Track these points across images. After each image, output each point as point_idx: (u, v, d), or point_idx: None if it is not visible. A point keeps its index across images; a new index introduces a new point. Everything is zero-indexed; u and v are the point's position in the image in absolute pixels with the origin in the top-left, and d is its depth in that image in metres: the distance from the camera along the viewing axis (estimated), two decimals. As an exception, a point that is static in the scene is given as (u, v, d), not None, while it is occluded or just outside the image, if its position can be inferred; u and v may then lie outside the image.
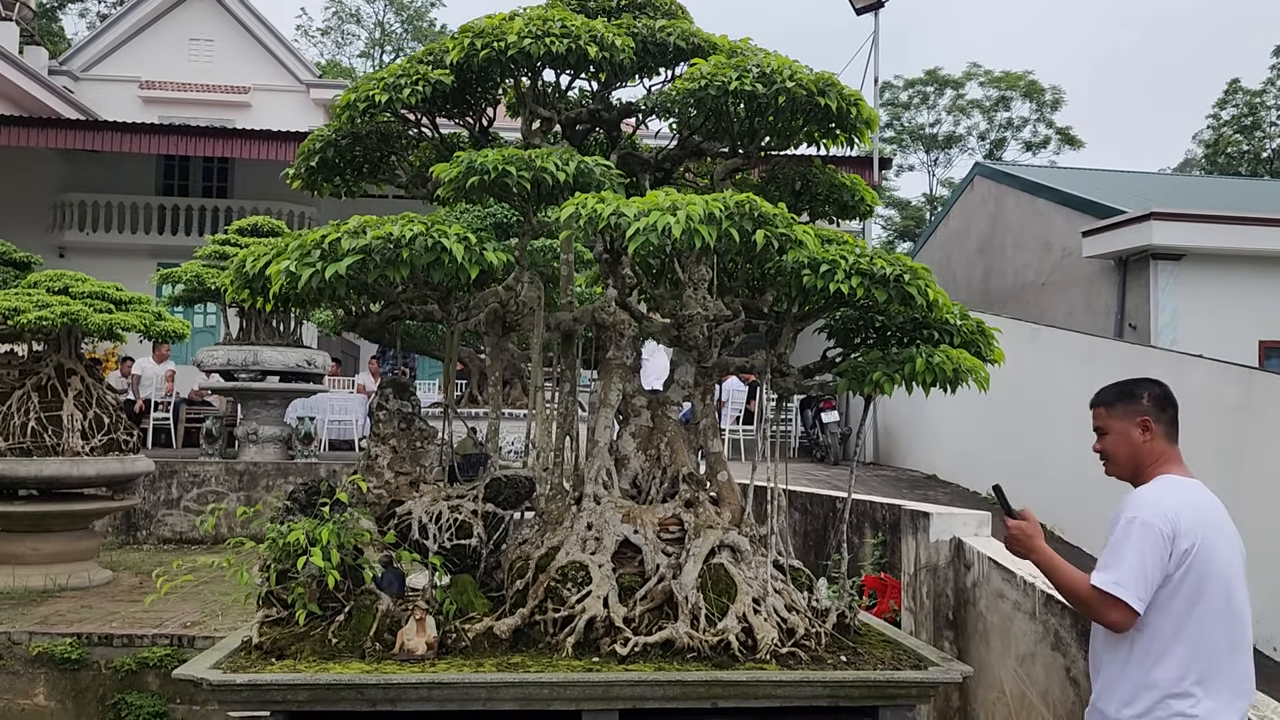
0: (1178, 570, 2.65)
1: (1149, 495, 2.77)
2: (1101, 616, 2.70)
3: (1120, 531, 2.70)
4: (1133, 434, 2.90)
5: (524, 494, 4.15)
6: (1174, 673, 2.64)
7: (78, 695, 7.02)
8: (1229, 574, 2.69)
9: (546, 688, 3.26)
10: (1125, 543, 2.67)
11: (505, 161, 3.63)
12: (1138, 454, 2.89)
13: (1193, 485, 2.80)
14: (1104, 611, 2.67)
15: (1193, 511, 2.70)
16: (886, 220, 42.94)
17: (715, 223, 3.31)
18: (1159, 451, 2.87)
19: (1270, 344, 13.23)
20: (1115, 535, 2.72)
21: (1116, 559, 2.67)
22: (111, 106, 23.01)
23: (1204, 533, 2.67)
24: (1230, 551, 2.72)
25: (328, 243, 3.47)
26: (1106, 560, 2.70)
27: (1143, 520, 2.67)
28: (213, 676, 3.22)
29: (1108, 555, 2.71)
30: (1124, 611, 2.63)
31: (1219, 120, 38.89)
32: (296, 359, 12.26)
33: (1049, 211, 16.01)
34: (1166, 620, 2.66)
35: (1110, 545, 2.72)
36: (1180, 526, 2.65)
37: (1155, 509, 2.69)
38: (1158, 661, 2.66)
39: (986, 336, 4.13)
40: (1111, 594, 2.63)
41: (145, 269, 18.02)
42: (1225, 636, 2.67)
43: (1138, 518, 2.69)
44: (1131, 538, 2.66)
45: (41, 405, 8.46)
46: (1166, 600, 2.66)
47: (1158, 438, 2.88)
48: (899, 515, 6.82)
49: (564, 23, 4.02)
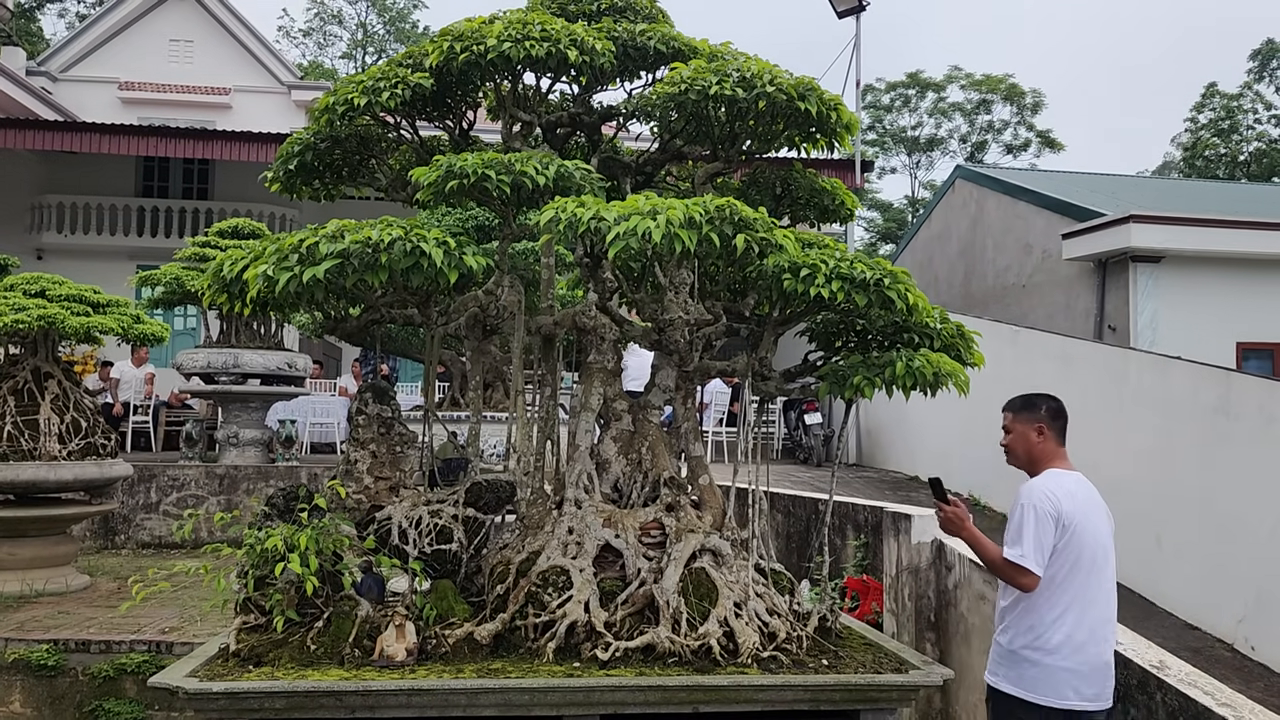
0: (1060, 542, 3.48)
1: (1039, 486, 3.58)
2: (1014, 580, 3.50)
3: (1019, 515, 3.50)
4: (1030, 436, 3.71)
5: (505, 498, 4.13)
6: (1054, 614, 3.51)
7: (54, 702, 6.94)
8: (1100, 543, 3.56)
9: (527, 693, 3.24)
10: (1024, 525, 3.48)
11: (485, 165, 3.62)
12: (1033, 452, 3.70)
13: (1073, 477, 3.62)
14: (1016, 577, 3.49)
15: (1072, 499, 3.54)
16: (869, 223, 43.11)
17: (696, 227, 3.31)
18: (1050, 451, 3.70)
19: (1248, 345, 13.34)
20: (1015, 518, 3.51)
21: (1019, 537, 3.48)
22: (90, 107, 22.84)
23: (1080, 514, 3.53)
24: (1100, 527, 3.59)
25: (305, 247, 3.45)
26: (1011, 538, 3.51)
27: (1035, 506, 3.49)
28: (189, 685, 3.19)
29: (1012, 534, 3.51)
30: (1030, 576, 3.45)
31: (1197, 124, 39.24)
32: (277, 362, 12.18)
33: (1029, 214, 16.10)
34: (1054, 579, 3.50)
35: (1013, 526, 3.51)
36: (1062, 510, 3.49)
37: (1043, 497, 3.51)
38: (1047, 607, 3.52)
39: (966, 340, 4.14)
40: (1019, 564, 3.45)
41: (124, 271, 17.87)
42: (1095, 590, 3.56)
43: (1032, 504, 3.49)
44: (1029, 520, 3.48)
45: (18, 409, 8.37)
46: (1054, 564, 3.49)
47: (1049, 440, 3.70)
48: (881, 517, 6.84)
49: (544, 26, 4.01)
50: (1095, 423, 8.63)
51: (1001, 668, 3.62)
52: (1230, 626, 6.49)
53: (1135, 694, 4.23)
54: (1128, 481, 8.00)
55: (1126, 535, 7.88)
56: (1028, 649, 3.54)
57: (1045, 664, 3.51)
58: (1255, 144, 38.04)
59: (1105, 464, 8.36)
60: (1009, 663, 3.59)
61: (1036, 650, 3.52)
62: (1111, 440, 8.31)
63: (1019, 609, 3.58)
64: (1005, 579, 3.56)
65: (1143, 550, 7.59)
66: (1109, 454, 8.31)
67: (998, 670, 3.64)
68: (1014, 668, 3.57)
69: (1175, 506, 7.40)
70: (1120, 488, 8.11)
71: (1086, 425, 8.89)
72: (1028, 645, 3.55)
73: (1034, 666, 3.53)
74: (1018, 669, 3.56)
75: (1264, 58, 38.35)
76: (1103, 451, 8.42)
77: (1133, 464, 7.96)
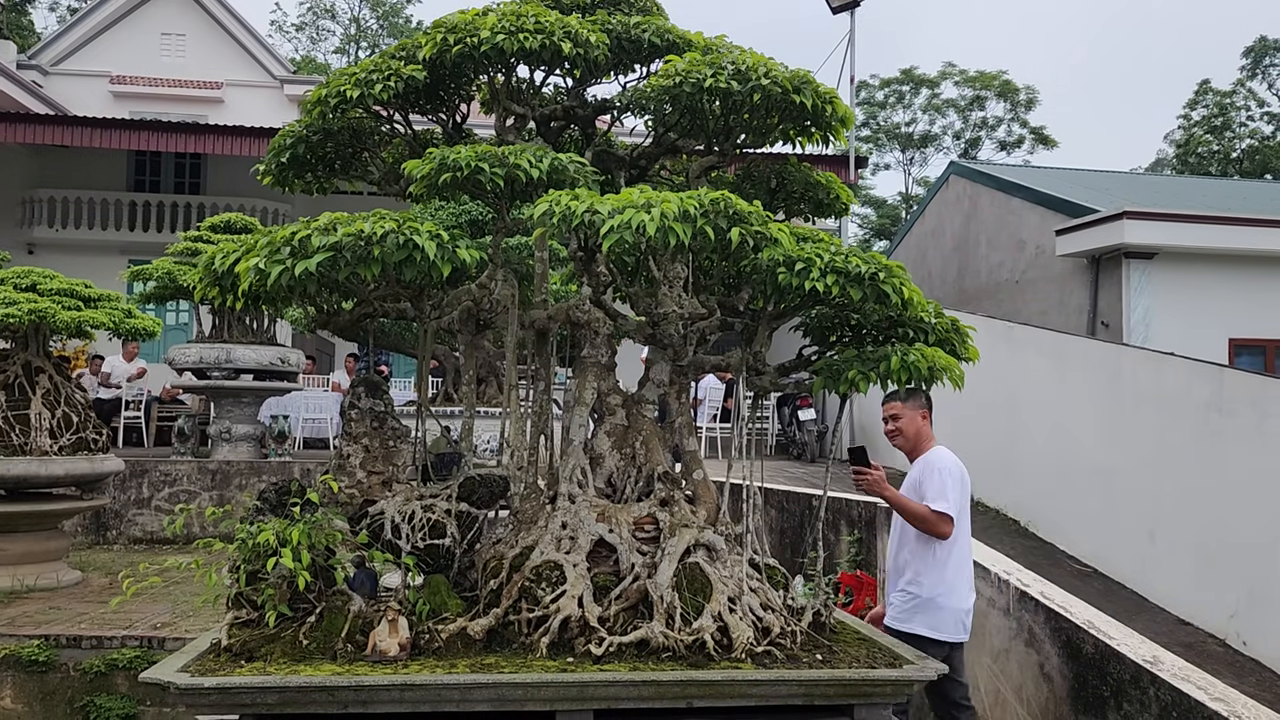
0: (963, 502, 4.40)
1: (947, 456, 4.47)
2: (936, 529, 4.32)
3: (940, 478, 4.36)
4: (918, 420, 4.56)
5: (498, 493, 4.12)
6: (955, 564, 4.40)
7: (46, 697, 6.92)
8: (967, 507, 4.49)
9: (520, 688, 3.23)
10: (946, 484, 4.34)
11: (478, 158, 3.60)
12: (921, 433, 4.57)
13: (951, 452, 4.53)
14: (941, 526, 4.31)
15: (961, 467, 4.47)
16: (863, 219, 43.13)
17: (690, 220, 3.29)
18: (929, 432, 4.60)
19: (1240, 342, 13.38)
20: (936, 480, 4.36)
21: (943, 493, 4.32)
22: (82, 101, 22.72)
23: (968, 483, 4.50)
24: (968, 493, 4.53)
25: (297, 240, 3.43)
26: (935, 495, 4.33)
27: (951, 471, 4.39)
28: (180, 680, 3.16)
29: (934, 491, 4.34)
30: (950, 524, 4.31)
31: (1190, 120, 39.31)
32: (270, 357, 12.15)
33: (1023, 210, 16.11)
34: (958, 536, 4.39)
35: (935, 485, 4.35)
36: (965, 477, 4.46)
37: (954, 464, 4.44)
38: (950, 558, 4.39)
39: (961, 335, 4.14)
40: (947, 514, 4.30)
41: (116, 265, 17.78)
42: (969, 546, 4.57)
43: (948, 469, 4.39)
44: (949, 481, 4.35)
45: (9, 404, 8.34)
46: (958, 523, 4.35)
47: (928, 424, 4.60)
48: (875, 513, 6.84)
49: (538, 18, 3.99)
50: (1088, 418, 8.64)
51: (917, 615, 4.37)
52: (1223, 622, 6.51)
53: (1128, 689, 4.24)
54: (1120, 477, 8.01)
55: (1119, 531, 7.93)
56: (940, 596, 4.35)
57: (950, 606, 4.36)
58: (1248, 141, 38.12)
59: (1098, 459, 8.38)
60: (926, 609, 4.35)
61: (947, 595, 4.35)
62: (1104, 436, 8.32)
63: (930, 562, 4.38)
64: (930, 529, 4.33)
65: (1135, 545, 7.60)
66: (1101, 449, 8.32)
67: (912, 617, 4.38)
68: (930, 614, 4.34)
69: (1168, 502, 7.41)
70: (1113, 483, 8.12)
71: (1080, 421, 8.93)
72: (941, 593, 4.35)
73: (942, 610, 4.34)
74: (934, 615, 4.34)
75: (1257, 55, 38.43)
76: (1095, 447, 8.43)
77: (1125, 459, 7.97)
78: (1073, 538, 8.44)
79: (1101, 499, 8.07)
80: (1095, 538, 8.14)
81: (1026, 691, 5.03)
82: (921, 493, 4.40)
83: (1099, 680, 4.44)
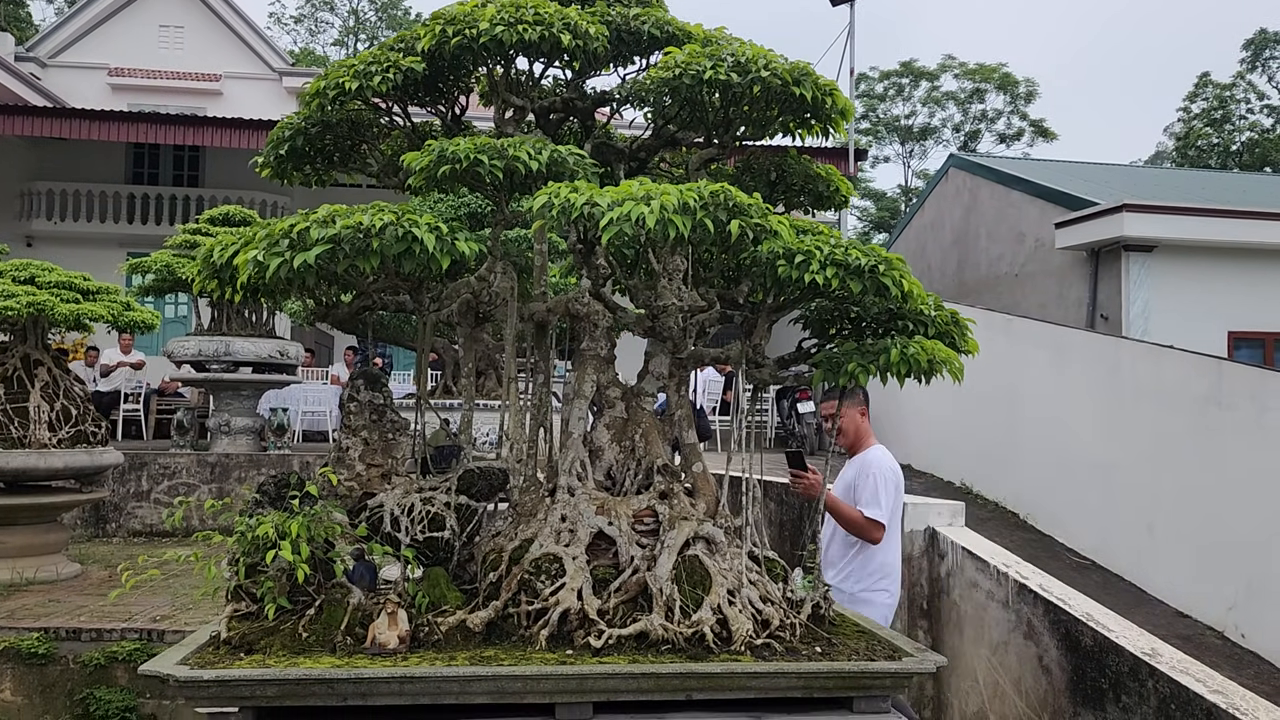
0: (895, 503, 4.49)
1: (882, 459, 4.54)
2: (869, 534, 4.43)
3: (874, 482, 4.43)
4: (858, 417, 4.63)
5: (497, 486, 4.11)
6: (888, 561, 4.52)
7: (45, 690, 6.93)
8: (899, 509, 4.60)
9: (519, 681, 3.23)
10: (880, 489, 4.42)
11: (477, 150, 3.58)
12: (860, 430, 4.64)
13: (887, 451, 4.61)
14: (872, 532, 4.43)
15: (896, 468, 4.55)
16: (862, 211, 43.10)
17: (690, 213, 3.28)
18: (868, 430, 4.67)
19: (1240, 335, 13.38)
20: (870, 484, 4.44)
21: (876, 499, 4.42)
22: (80, 94, 22.68)
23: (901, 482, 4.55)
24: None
25: (296, 232, 3.41)
26: (868, 500, 4.43)
27: (886, 476, 4.46)
28: (179, 672, 3.16)
29: (868, 497, 4.43)
30: (882, 530, 4.42)
31: (1189, 113, 39.29)
32: (269, 350, 12.14)
33: (1023, 203, 16.11)
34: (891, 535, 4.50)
35: (868, 490, 4.44)
36: (899, 479, 4.54)
37: (890, 468, 4.52)
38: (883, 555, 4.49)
39: (961, 327, 4.13)
40: (879, 521, 4.40)
41: (114, 258, 17.77)
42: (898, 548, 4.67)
43: (883, 474, 4.46)
44: (884, 486, 4.42)
45: (7, 397, 8.33)
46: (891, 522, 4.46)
47: (867, 420, 4.67)
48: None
49: (537, 10, 3.97)
50: (1087, 411, 8.64)
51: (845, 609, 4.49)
52: (1221, 614, 6.52)
53: (1127, 681, 4.25)
54: (1120, 470, 8.01)
55: (1118, 523, 7.93)
56: (866, 591, 4.46)
57: (877, 601, 4.47)
58: (1247, 134, 38.10)
59: (1097, 452, 8.38)
60: (851, 604, 4.35)
61: (875, 591, 4.48)
62: (1104, 429, 8.32)
63: (859, 559, 4.51)
64: (862, 534, 4.46)
65: (1134, 538, 7.61)
66: (1101, 442, 8.32)
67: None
68: (856, 608, 4.30)
69: (1167, 495, 7.42)
70: (1112, 476, 8.13)
71: (1079, 414, 8.93)
72: (867, 589, 4.47)
73: (868, 605, 4.41)
74: (859, 609, 4.30)
75: (1257, 47, 38.39)
76: (1095, 440, 8.43)
77: (1124, 452, 7.98)
78: (1072, 530, 8.45)
79: (1100, 492, 8.08)
80: (1094, 530, 8.15)
81: (1025, 684, 5.04)
82: (855, 496, 4.53)
83: (1098, 672, 4.45)
